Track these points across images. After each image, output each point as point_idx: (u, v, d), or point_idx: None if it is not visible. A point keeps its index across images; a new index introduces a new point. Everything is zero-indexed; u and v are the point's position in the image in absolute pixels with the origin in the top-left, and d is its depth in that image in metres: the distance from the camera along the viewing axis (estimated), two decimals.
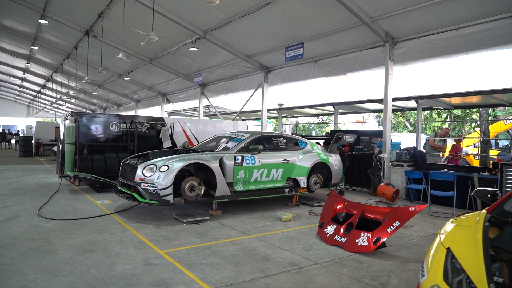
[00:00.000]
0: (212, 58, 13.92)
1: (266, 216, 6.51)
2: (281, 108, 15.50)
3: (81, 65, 18.32)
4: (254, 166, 6.67)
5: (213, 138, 8.08)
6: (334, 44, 10.37)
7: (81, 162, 9.65)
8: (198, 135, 12.95)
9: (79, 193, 8.43)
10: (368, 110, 14.17)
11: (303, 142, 7.87)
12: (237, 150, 6.64)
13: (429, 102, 11.04)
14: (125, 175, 6.36)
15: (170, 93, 20.83)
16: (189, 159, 5.97)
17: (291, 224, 6.02)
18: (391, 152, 9.16)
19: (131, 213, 6.46)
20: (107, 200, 7.64)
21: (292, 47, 10.77)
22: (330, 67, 11.23)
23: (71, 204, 7.16)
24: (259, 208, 7.19)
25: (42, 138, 20.97)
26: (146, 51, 14.97)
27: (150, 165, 5.87)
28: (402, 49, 9.12)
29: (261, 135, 7.23)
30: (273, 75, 13.32)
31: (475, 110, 25.15)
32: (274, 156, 7.11)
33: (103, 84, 23.78)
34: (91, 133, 10.62)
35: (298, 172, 7.35)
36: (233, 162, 6.40)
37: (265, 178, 6.89)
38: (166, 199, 5.64)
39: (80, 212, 6.46)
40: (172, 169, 5.71)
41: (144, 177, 5.77)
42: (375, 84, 11.28)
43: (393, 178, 9.10)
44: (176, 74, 16.83)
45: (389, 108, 9.16)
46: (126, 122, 11.23)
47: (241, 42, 12.01)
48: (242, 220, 6.17)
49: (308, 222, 6.20)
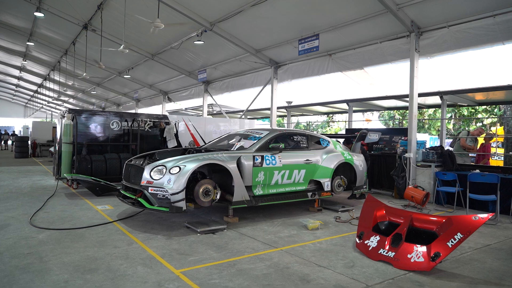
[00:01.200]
0: (217, 53, 13.17)
1: (289, 224, 5.75)
2: (290, 106, 14.77)
3: (79, 62, 17.54)
4: (275, 167, 5.92)
5: (224, 137, 7.33)
6: (352, 36, 9.64)
7: (79, 163, 8.88)
8: (204, 134, 12.19)
9: (77, 197, 7.66)
10: (383, 107, 13.47)
11: (325, 141, 7.13)
12: (255, 149, 5.89)
13: (453, 98, 10.32)
14: (130, 177, 5.60)
15: (171, 92, 20.07)
16: (203, 159, 5.22)
17: (319, 233, 5.27)
18: (417, 152, 8.42)
19: (136, 220, 5.70)
20: (108, 205, 6.87)
21: (306, 39, 10.03)
22: (346, 61, 10.49)
23: (68, 210, 6.39)
24: (279, 213, 6.44)
25: (39, 138, 20.19)
26: (148, 46, 14.21)
27: (158, 166, 5.11)
28: (429, 39, 8.39)
29: (281, 132, 6.48)
30: (282, 71, 12.58)
31: (481, 109, 24.50)
32: (295, 155, 6.36)
33: (102, 82, 23.00)
34: (90, 132, 9.85)
35: (322, 174, 6.61)
36: (252, 162, 5.65)
37: (286, 181, 6.14)
38: (177, 206, 4.88)
39: (78, 220, 5.69)
40: (184, 171, 4.95)
41: (152, 180, 5.02)
42: (395, 79, 10.56)
43: (419, 180, 8.36)
44: (179, 71, 16.07)
45: (415, 104, 8.42)
46: (128, 120, 10.47)
47: (250, 35, 11.26)
48: (263, 229, 5.42)
49: (338, 230, 5.45)
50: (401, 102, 12.30)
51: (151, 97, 22.27)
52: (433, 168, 8.14)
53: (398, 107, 13.89)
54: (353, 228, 5.62)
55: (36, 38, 16.61)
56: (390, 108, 14.57)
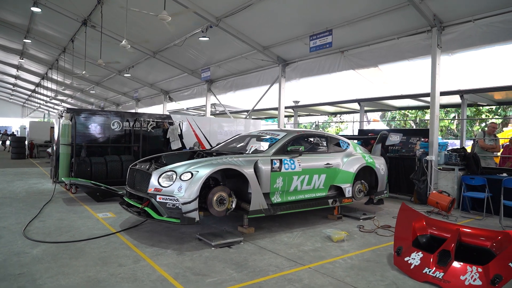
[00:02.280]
0: (222, 50, 12.63)
1: (310, 235, 5.22)
2: (297, 106, 14.24)
3: (78, 61, 16.97)
4: (294, 171, 5.38)
5: (235, 138, 6.79)
6: (367, 31, 9.11)
7: (78, 166, 8.34)
8: (209, 135, 11.66)
9: (76, 203, 7.11)
10: (395, 107, 12.96)
11: (345, 143, 6.59)
12: (273, 152, 5.35)
13: (473, 97, 9.81)
14: (134, 184, 5.05)
15: (173, 91, 19.51)
16: (218, 163, 4.68)
17: (346, 246, 4.74)
18: (438, 154, 7.90)
19: (142, 231, 5.16)
20: (110, 212, 6.32)
21: (318, 35, 9.50)
22: (359, 58, 9.97)
23: (66, 218, 5.84)
24: (296, 222, 5.91)
25: (36, 139, 19.60)
26: (150, 43, 13.65)
27: (167, 172, 4.57)
28: (451, 35, 7.88)
29: (300, 133, 5.94)
30: (290, 69, 12.06)
31: (485, 109, 23.99)
32: (315, 159, 5.82)
33: (101, 81, 22.42)
34: (89, 132, 9.32)
35: (343, 179, 6.08)
36: (269, 167, 5.11)
37: (305, 187, 5.60)
38: (190, 217, 4.34)
39: (78, 230, 5.14)
40: (197, 177, 4.41)
41: (161, 188, 4.48)
42: (410, 78, 10.04)
43: (441, 184, 7.84)
44: (182, 69, 15.52)
45: (436, 103, 7.91)
46: (130, 121, 9.94)
47: (257, 31, 10.73)
48: (283, 241, 4.88)
49: (366, 242, 4.92)
50: (415, 101, 11.80)
51: (152, 96, 21.71)
52: (457, 172, 7.62)
53: (411, 106, 13.37)
54: (381, 239, 5.09)
55: (33, 35, 16.02)
56: (402, 108, 14.06)
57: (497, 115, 24.58)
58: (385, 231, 5.58)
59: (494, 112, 24.77)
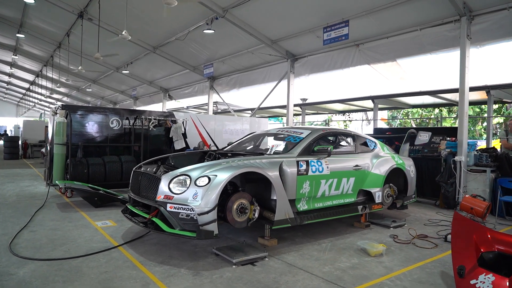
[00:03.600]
0: (227, 44, 11.94)
1: (341, 247, 4.56)
2: (306, 104, 13.58)
3: (74, 57, 16.22)
4: (322, 175, 4.72)
5: (249, 137, 6.12)
6: (387, 22, 8.47)
7: (74, 168, 7.63)
8: (214, 134, 10.99)
9: (71, 209, 6.40)
10: (409, 105, 12.35)
11: (372, 142, 5.94)
12: (298, 152, 4.68)
13: (498, 93, 9.20)
14: (140, 189, 4.36)
15: (173, 89, 18.81)
16: (238, 166, 4.00)
17: (387, 261, 4.08)
18: (467, 154, 7.27)
19: (148, 244, 4.47)
20: (109, 220, 5.63)
21: (333, 27, 8.85)
22: (376, 52, 9.33)
23: (60, 228, 5.14)
24: (321, 231, 5.24)
25: (30, 138, 18.81)
26: (150, 38, 12.95)
27: (180, 176, 3.89)
28: (481, 25, 7.25)
29: (326, 131, 5.27)
30: (300, 64, 11.40)
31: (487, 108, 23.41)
32: (343, 160, 5.16)
33: (98, 79, 21.65)
34: (86, 131, 8.61)
35: (372, 182, 5.43)
36: (295, 169, 4.44)
37: (334, 192, 4.94)
38: (207, 229, 3.66)
39: (73, 242, 4.45)
40: (215, 183, 3.73)
41: (172, 195, 3.79)
42: (431, 73, 9.41)
43: (470, 187, 7.21)
44: (183, 66, 14.81)
45: (466, 99, 7.27)
46: (130, 118, 9.24)
47: (266, 23, 10.06)
48: (312, 255, 4.21)
49: (408, 257, 4.27)
50: (431, 99, 11.20)
51: (150, 94, 20.98)
52: (489, 174, 6.99)
53: (426, 104, 12.77)
54: (423, 253, 4.44)
55: (27, 30, 15.24)
56: (416, 106, 13.46)
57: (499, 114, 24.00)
58: (422, 241, 4.94)
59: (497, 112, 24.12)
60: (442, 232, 5.41)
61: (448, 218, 6.46)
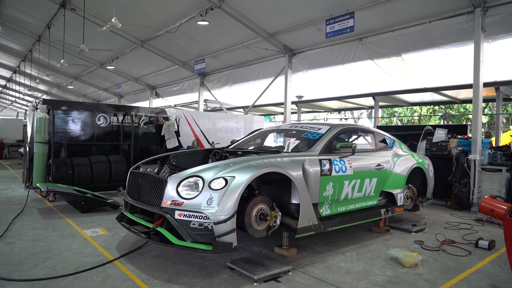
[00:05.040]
0: (221, 38, 11.33)
1: (368, 256, 4.05)
2: (301, 101, 13.10)
3: (55, 51, 15.25)
4: (345, 175, 4.20)
5: (256, 134, 5.56)
6: (393, 14, 8.06)
7: (57, 169, 6.89)
8: (208, 132, 10.37)
9: (55, 215, 5.69)
10: (407, 103, 12.04)
11: (391, 139, 5.47)
12: (320, 150, 4.15)
13: (507, 90, 8.93)
14: (140, 193, 3.73)
15: (160, 86, 18.05)
16: (258, 165, 3.43)
17: (425, 273, 3.60)
18: (481, 153, 6.91)
19: (148, 257, 3.84)
20: (100, 228, 4.96)
21: (337, 19, 8.38)
22: (380, 46, 8.93)
23: (42, 238, 4.45)
24: (339, 237, 4.73)
25: (7, 138, 17.70)
26: (138, 30, 12.19)
27: (190, 178, 3.29)
28: (495, 17, 6.93)
29: (345, 127, 4.75)
30: (297, 60, 10.91)
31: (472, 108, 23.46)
32: (364, 159, 4.66)
33: (80, 75, 20.61)
34: (70, 128, 7.89)
35: (394, 183, 4.96)
36: (319, 169, 3.91)
37: (356, 194, 4.44)
38: (225, 241, 3.08)
39: (59, 257, 3.78)
40: (234, 185, 3.16)
41: (181, 200, 3.20)
42: (437, 69, 9.05)
43: (485, 187, 6.87)
44: (172, 61, 14.09)
45: (480, 95, 6.92)
46: (118, 115, 8.53)
47: (264, 15, 9.51)
48: (340, 267, 3.69)
49: (445, 267, 3.79)
50: (432, 96, 10.90)
51: (136, 92, 20.11)
52: (505, 173, 6.65)
53: (424, 102, 12.51)
54: (460, 261, 3.98)
55: (3, 21, 14.17)
56: (415, 104, 13.18)
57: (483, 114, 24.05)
58: (452, 247, 4.49)
59: None
60: (468, 237, 4.99)
61: (466, 220, 6.07)
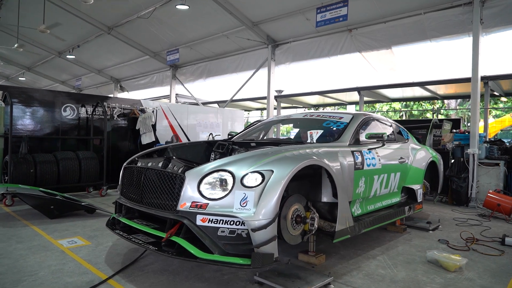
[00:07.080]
0: (199, 25, 10.52)
1: (403, 260, 3.58)
2: (281, 96, 12.59)
3: (5, 37, 13.60)
4: (375, 169, 3.71)
5: (260, 125, 4.94)
6: (386, 4, 7.79)
7: (15, 167, 5.83)
8: (187, 127, 9.56)
9: (17, 222, 4.70)
10: (388, 98, 11.96)
11: (405, 131, 5.09)
12: (349, 140, 3.62)
13: (493, 85, 8.97)
14: (142, 194, 2.97)
15: (126, 79, 16.80)
16: (295, 157, 2.81)
17: (476, 277, 3.19)
18: (479, 147, 6.78)
19: (151, 272, 3.10)
20: (78, 237, 4.10)
21: (329, 7, 7.97)
22: (370, 38, 8.64)
23: (5, 252, 3.54)
24: (358, 240, 4.23)
25: None
26: (106, 15, 11.03)
27: (215, 172, 2.60)
28: (493, 9, 6.83)
29: (367, 116, 4.24)
30: (280, 51, 10.40)
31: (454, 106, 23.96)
32: (389, 151, 4.20)
33: (34, 66, 18.68)
34: (31, 120, 6.79)
35: (414, 178, 4.56)
36: (353, 162, 3.37)
37: (383, 190, 3.96)
38: (265, 252, 2.43)
39: (34, 277, 2.94)
40: (273, 181, 2.52)
41: (206, 201, 2.51)
42: (426, 62, 8.90)
43: (482, 182, 6.74)
44: (142, 51, 13.03)
45: (478, 89, 6.76)
46: (86, 106, 7.51)
47: (248, 1, 8.88)
48: (381, 275, 3.18)
49: (489, 269, 3.41)
50: (413, 92, 10.88)
51: (98, 85, 18.61)
52: (502, 167, 6.57)
53: (404, 98, 12.51)
54: (500, 262, 3.64)
55: None
56: (395, 100, 13.16)
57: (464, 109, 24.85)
58: (479, 246, 4.16)
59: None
60: (485, 233, 4.72)
61: (470, 216, 5.85)
